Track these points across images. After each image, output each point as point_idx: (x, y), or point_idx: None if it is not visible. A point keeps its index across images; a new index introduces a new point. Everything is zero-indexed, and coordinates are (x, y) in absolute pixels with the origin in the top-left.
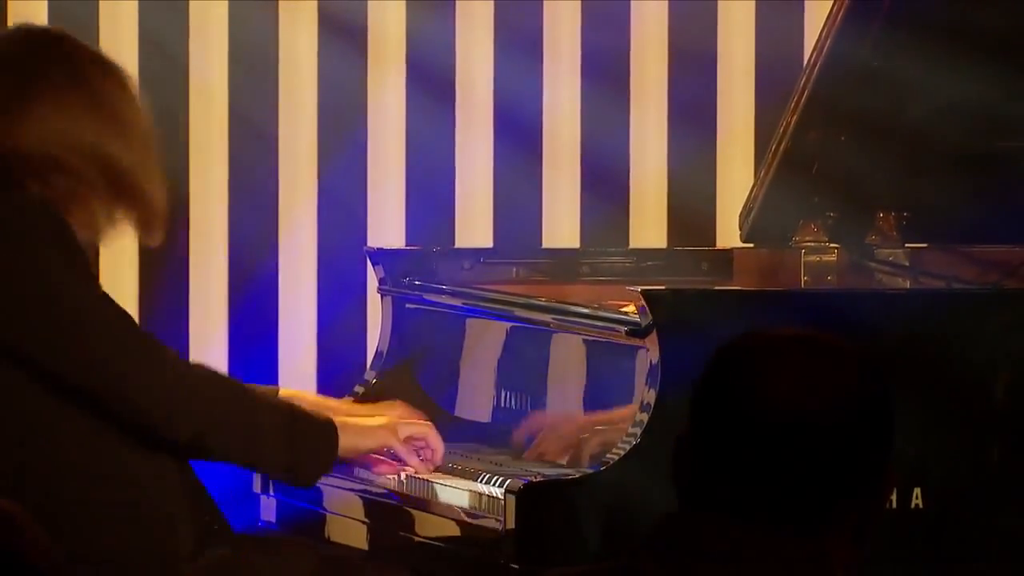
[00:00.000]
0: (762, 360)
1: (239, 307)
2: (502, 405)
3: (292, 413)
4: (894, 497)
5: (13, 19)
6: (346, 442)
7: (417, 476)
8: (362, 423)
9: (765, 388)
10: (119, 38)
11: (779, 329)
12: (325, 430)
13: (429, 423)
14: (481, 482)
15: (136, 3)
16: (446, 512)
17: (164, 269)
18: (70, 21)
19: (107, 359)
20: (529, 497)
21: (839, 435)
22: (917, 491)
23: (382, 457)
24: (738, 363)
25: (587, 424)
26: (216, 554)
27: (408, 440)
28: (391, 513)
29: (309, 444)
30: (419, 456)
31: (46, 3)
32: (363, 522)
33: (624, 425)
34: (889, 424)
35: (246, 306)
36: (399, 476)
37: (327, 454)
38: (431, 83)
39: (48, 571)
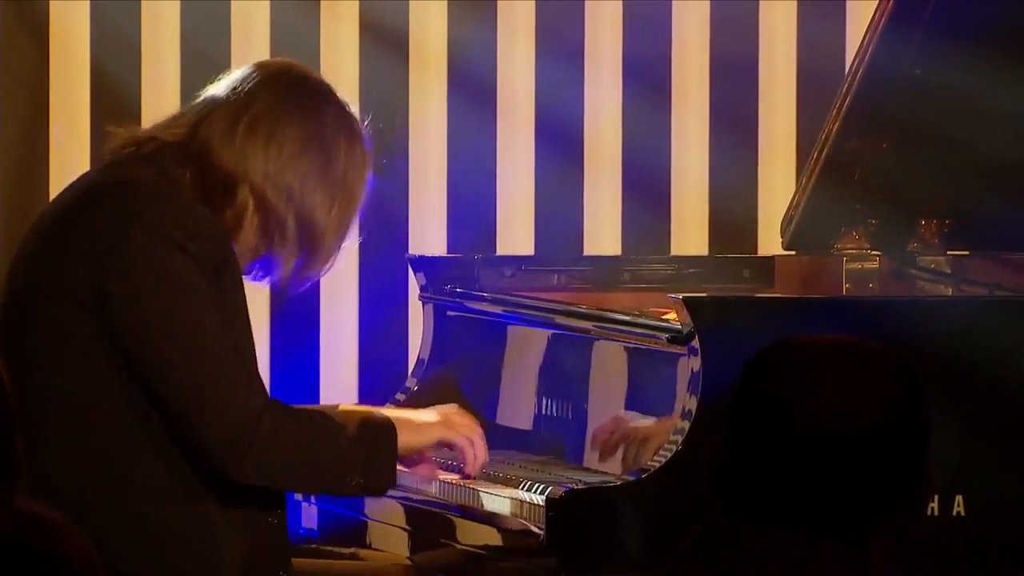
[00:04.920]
0: (801, 367)
1: (280, 314)
2: (543, 412)
3: (356, 431)
4: (936, 505)
5: (55, 22)
6: (404, 440)
7: (458, 483)
8: (416, 419)
9: (804, 395)
10: (161, 41)
11: (818, 336)
12: (387, 434)
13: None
14: (523, 489)
15: (178, 6)
16: (488, 519)
17: None
18: (112, 24)
19: (191, 378)
20: (570, 504)
21: (878, 442)
22: (959, 499)
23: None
24: (777, 370)
25: (630, 431)
26: None
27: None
28: (432, 520)
29: (376, 456)
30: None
31: (88, 4)
32: (404, 529)
33: (665, 433)
34: (927, 431)
35: (288, 313)
36: (440, 483)
37: (390, 458)
38: (472, 90)
39: None
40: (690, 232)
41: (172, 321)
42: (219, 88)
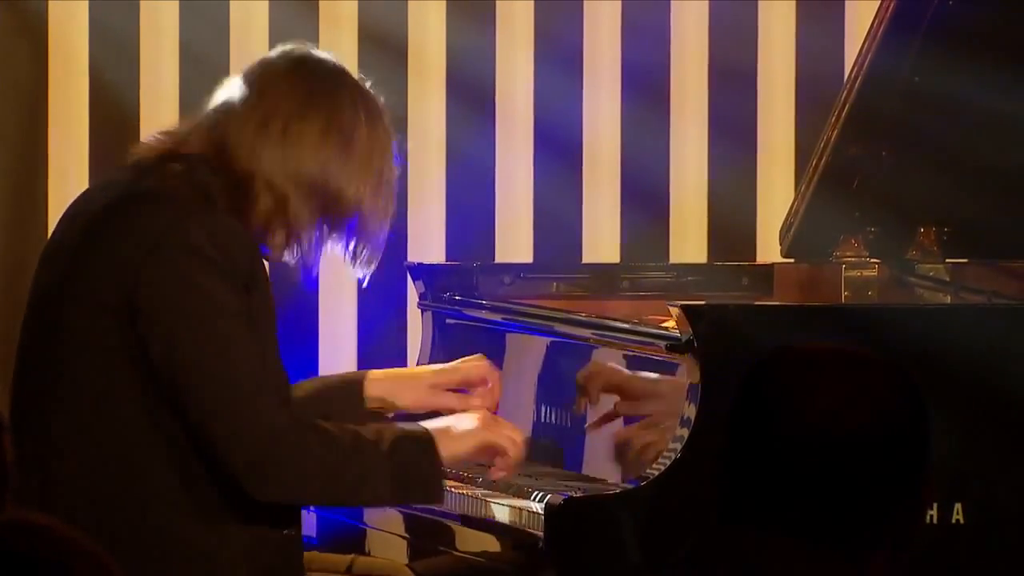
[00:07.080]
0: (800, 375)
1: (280, 321)
2: (542, 420)
3: (390, 446)
4: (935, 512)
5: (53, 25)
6: (446, 451)
7: (458, 490)
8: (454, 427)
9: (803, 403)
10: (159, 44)
11: (817, 344)
12: (425, 450)
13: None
14: (522, 497)
15: (176, 9)
16: (487, 527)
17: None
18: (111, 26)
19: (214, 395)
20: (569, 512)
21: (876, 451)
22: (958, 506)
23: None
24: (776, 378)
25: (629, 438)
26: None
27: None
28: (431, 528)
29: (415, 471)
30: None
31: (86, 6)
32: (403, 537)
33: (663, 440)
34: (926, 439)
35: (287, 321)
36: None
37: (433, 470)
38: (471, 97)
39: None
40: (689, 239)
41: (197, 336)
42: (232, 91)
